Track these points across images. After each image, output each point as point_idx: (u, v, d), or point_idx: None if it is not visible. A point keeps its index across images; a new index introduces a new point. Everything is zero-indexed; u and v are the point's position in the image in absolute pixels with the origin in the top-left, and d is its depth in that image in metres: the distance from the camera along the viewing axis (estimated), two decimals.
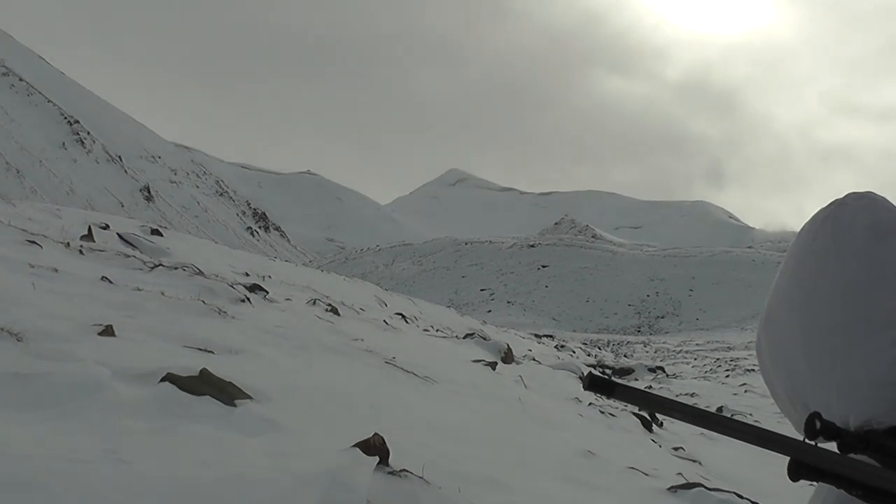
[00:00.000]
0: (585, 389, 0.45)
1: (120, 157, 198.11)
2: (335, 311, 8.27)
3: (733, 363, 24.72)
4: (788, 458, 0.49)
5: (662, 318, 79.82)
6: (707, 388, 15.18)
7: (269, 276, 10.57)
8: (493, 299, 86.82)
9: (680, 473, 4.24)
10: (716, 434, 2.30)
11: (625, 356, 29.70)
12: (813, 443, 0.49)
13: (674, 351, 35.96)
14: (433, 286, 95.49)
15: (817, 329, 0.62)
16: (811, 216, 0.65)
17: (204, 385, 2.90)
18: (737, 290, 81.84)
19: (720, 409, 11.37)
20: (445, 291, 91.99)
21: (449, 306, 42.61)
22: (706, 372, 21.20)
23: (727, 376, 19.00)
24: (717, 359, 28.10)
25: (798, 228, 0.65)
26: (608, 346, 42.74)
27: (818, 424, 0.51)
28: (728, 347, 38.40)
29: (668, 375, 18.88)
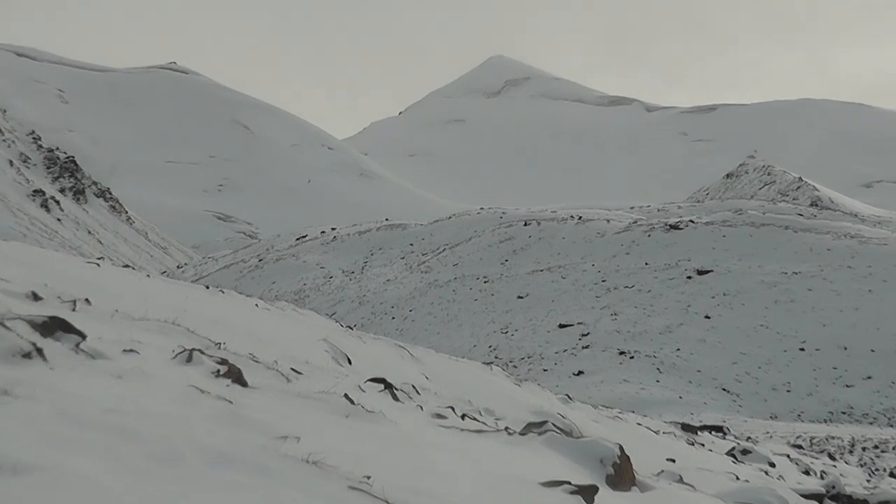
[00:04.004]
0: None
1: None
2: (237, 378, 8.40)
3: None
4: None
5: None
6: None
7: (87, 301, 10.71)
8: (587, 346, 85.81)
9: None
10: None
11: (892, 475, 29.71)
12: None
13: None
14: (455, 318, 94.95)
15: None
16: None
17: None
18: None
19: None
20: (481, 329, 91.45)
21: (490, 362, 40.84)
22: None
23: None
24: None
25: None
26: (851, 450, 42.61)
27: None
28: None
29: None
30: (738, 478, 15.67)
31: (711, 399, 72.76)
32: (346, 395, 9.24)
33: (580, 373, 75.60)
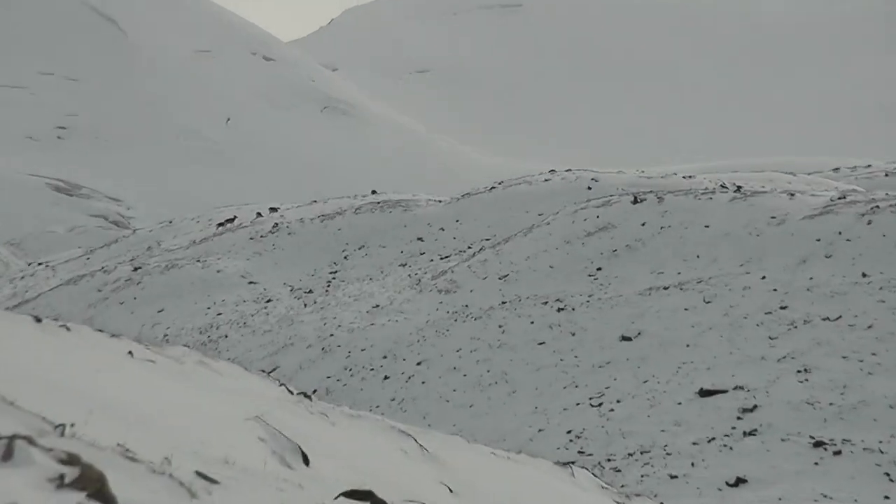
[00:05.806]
0: None
1: None
2: (97, 490, 8.78)
3: None
4: None
5: None
6: None
7: None
8: (753, 431, 75.46)
9: None
10: None
11: None
12: None
13: None
14: (504, 377, 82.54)
15: None
16: None
17: None
18: None
19: None
20: (553, 398, 79.23)
21: (570, 462, 38.36)
22: None
23: None
24: None
25: None
26: None
27: None
28: None
29: None
30: None
31: None
32: None
33: (740, 482, 68.28)
